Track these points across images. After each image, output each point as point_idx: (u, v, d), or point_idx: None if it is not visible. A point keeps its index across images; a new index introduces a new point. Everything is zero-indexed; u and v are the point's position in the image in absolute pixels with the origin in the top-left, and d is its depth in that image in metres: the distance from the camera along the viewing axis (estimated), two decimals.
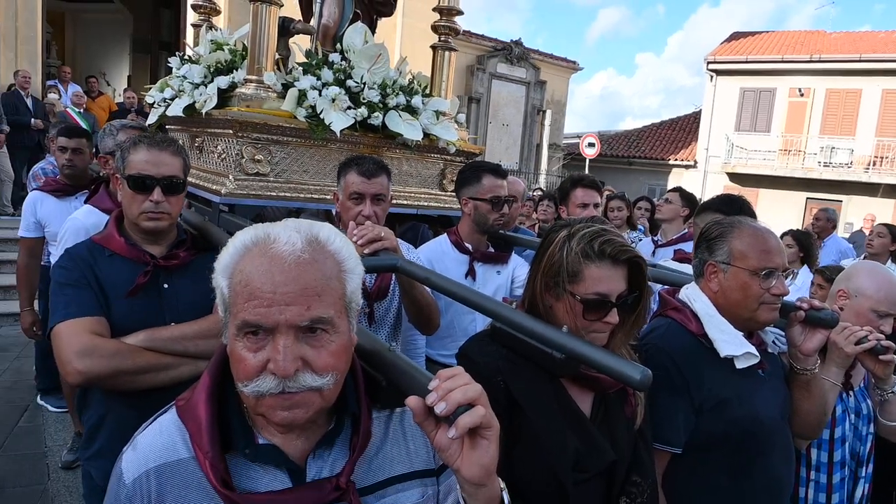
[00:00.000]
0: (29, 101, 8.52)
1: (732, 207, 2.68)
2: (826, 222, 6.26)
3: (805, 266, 4.57)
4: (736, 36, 21.69)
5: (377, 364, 1.05)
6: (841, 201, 17.97)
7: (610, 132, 24.91)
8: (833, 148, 18.29)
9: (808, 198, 18.58)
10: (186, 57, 3.11)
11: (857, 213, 17.00)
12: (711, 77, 20.32)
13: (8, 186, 8.27)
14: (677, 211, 3.91)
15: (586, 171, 16.40)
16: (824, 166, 18.32)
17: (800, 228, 5.13)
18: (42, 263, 3.82)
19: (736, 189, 18.99)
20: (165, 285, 1.84)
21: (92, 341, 1.64)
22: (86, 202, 2.74)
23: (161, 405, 1.06)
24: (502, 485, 0.92)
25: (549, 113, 18.80)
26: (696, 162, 20.69)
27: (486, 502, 0.89)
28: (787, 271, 1.70)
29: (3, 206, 8.21)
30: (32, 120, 8.39)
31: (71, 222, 2.53)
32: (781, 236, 4.68)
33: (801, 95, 18.93)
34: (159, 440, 0.97)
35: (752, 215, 2.51)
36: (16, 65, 9.12)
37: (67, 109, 8.75)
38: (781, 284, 1.63)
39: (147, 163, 1.77)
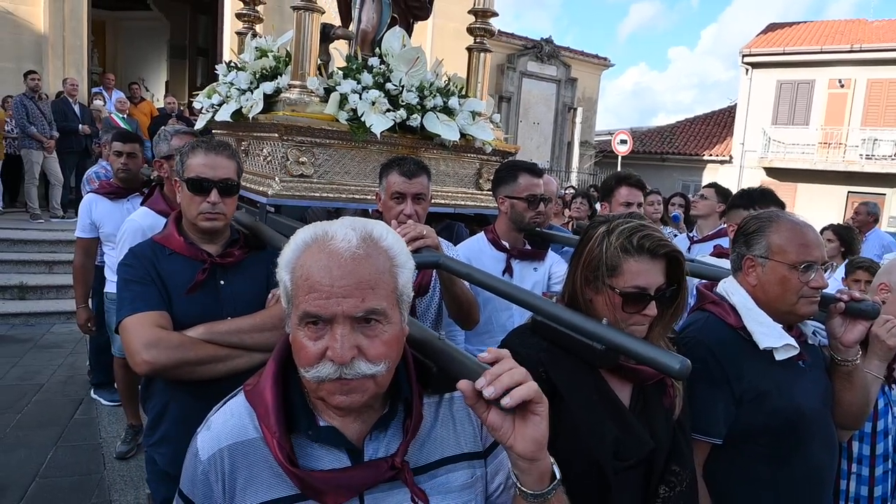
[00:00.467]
0: (76, 108, 8.86)
1: (751, 199, 2.72)
2: (867, 216, 6.13)
3: (847, 260, 4.50)
4: (773, 27, 21.21)
5: (428, 352, 1.11)
6: (885, 194, 17.46)
7: (642, 128, 24.62)
8: (876, 140, 17.76)
9: (849, 192, 18.08)
10: (233, 64, 3.23)
11: None
12: (747, 70, 19.92)
13: (58, 190, 8.62)
14: (713, 207, 3.90)
15: (619, 168, 16.27)
16: (866, 159, 17.81)
17: (840, 223, 5.04)
18: (96, 263, 4.01)
19: (773, 184, 18.57)
20: (222, 282, 1.95)
21: (157, 334, 1.76)
22: (142, 204, 2.88)
23: (219, 394, 1.15)
24: (552, 459, 0.98)
25: (580, 110, 18.68)
26: (731, 157, 20.32)
27: (539, 476, 0.95)
28: (826, 264, 1.71)
29: (54, 209, 8.56)
30: (80, 126, 8.73)
31: (129, 224, 2.67)
32: (822, 231, 4.63)
33: (842, 86, 18.43)
34: (231, 421, 1.05)
35: (779, 204, 2.53)
36: (63, 73, 9.49)
37: (112, 115, 9.06)
38: (821, 278, 1.65)
39: (204, 166, 1.88)
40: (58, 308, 6.52)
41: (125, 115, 9.27)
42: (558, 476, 0.98)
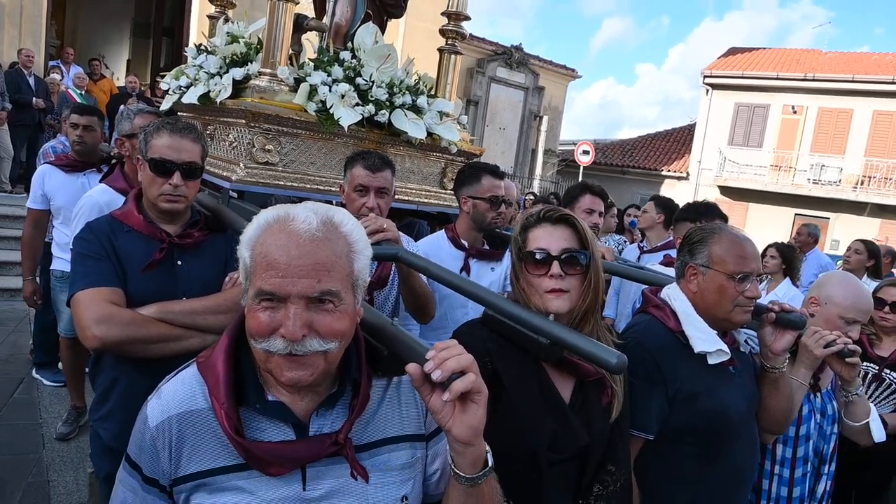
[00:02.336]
0: (31, 80, 8.56)
1: (697, 213, 2.89)
2: (808, 237, 6.44)
3: (787, 278, 4.73)
4: (733, 51, 21.97)
5: (380, 336, 1.17)
6: (829, 218, 18.28)
7: (605, 141, 25.14)
8: (823, 166, 18.60)
9: (796, 213, 18.87)
10: (203, 47, 3.21)
11: (844, 231, 17.31)
12: (707, 91, 20.59)
13: (7, 164, 8.31)
14: (654, 218, 4.06)
15: (580, 178, 16.57)
16: (814, 183, 18.62)
17: (785, 242, 5.30)
18: (45, 240, 3.91)
19: (727, 202, 19.24)
20: (179, 262, 1.95)
21: (109, 310, 1.75)
22: (101, 181, 2.84)
23: (168, 371, 1.18)
24: (486, 447, 1.05)
25: (545, 119, 18.97)
26: (688, 174, 20.95)
27: (473, 460, 1.02)
28: (760, 276, 1.83)
29: (2, 184, 8.25)
30: (34, 99, 8.43)
31: (87, 199, 2.64)
32: (766, 248, 4.85)
33: (794, 113, 19.24)
34: (181, 390, 1.09)
35: (722, 217, 2.68)
36: (19, 43, 9.16)
37: (69, 90, 8.79)
38: (755, 288, 1.77)
39: (169, 148, 1.88)
40: (1, 285, 6.30)
41: (83, 92, 8.99)
42: (490, 463, 1.05)
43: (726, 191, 19.88)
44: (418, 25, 10.74)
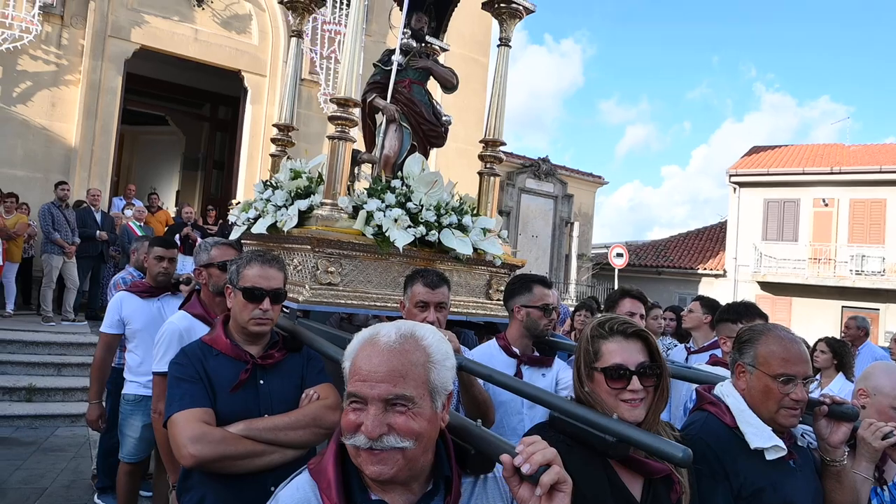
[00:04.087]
0: (98, 216, 9.29)
1: (737, 313, 3.01)
2: (857, 330, 6.34)
3: (840, 373, 4.66)
4: (756, 149, 22.52)
5: (466, 437, 1.30)
6: (878, 309, 17.73)
7: (638, 242, 25.37)
8: (864, 256, 18.34)
9: (843, 306, 18.38)
10: (269, 182, 3.58)
11: None
12: (735, 189, 20.91)
13: (73, 294, 8.83)
14: (700, 319, 4.11)
15: (616, 281, 16.65)
16: (857, 274, 18.28)
17: (835, 336, 5.24)
18: (113, 365, 4.12)
19: (768, 298, 18.95)
20: (261, 381, 2.13)
21: (203, 429, 1.92)
22: (180, 308, 3.09)
23: (253, 487, 1.32)
24: None
25: (576, 225, 19.41)
26: (725, 271, 20.82)
27: None
28: (809, 379, 1.87)
29: (66, 313, 8.74)
30: (98, 232, 9.11)
31: (168, 325, 2.87)
32: (815, 343, 4.82)
33: (826, 205, 19.29)
34: (297, 494, 1.23)
35: (762, 316, 2.77)
36: (88, 183, 10.02)
37: (130, 224, 9.48)
38: (801, 391, 1.80)
39: (259, 277, 2.13)
40: (64, 411, 6.54)
41: (142, 224, 9.68)
42: None
43: (767, 286, 19.62)
44: (450, 146, 11.44)
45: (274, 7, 11.56)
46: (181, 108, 16.04)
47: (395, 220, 3.12)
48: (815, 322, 17.05)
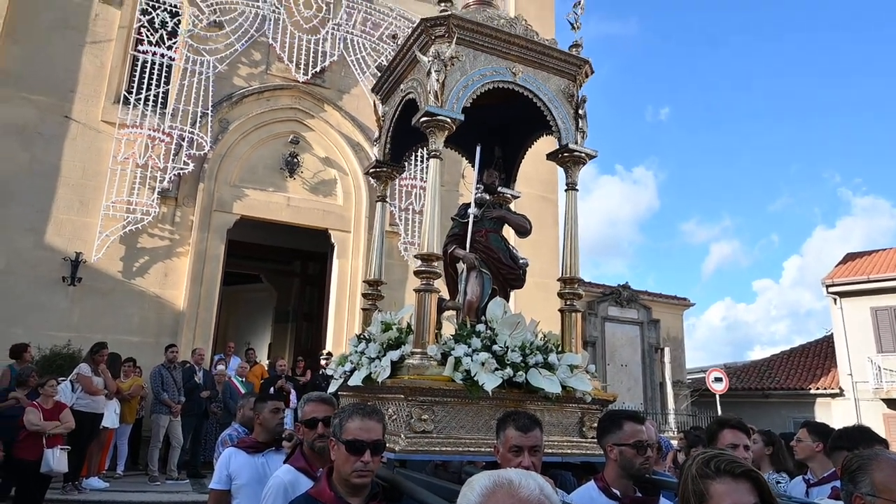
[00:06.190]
0: (200, 374, 9.88)
1: (852, 440, 2.80)
2: None
3: None
4: (851, 257, 21.42)
5: None
6: None
7: (737, 364, 23.90)
8: None
9: None
10: (363, 336, 3.83)
11: None
12: (835, 300, 19.72)
13: (177, 452, 9.21)
14: (811, 447, 3.81)
15: (718, 408, 15.58)
16: None
17: None
18: None
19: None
20: None
21: None
22: (284, 462, 3.24)
23: None
24: None
25: (667, 350, 18.65)
26: (841, 389, 19.06)
27: None
28: None
29: (171, 471, 9.07)
30: (201, 391, 9.64)
31: (274, 479, 3.01)
32: None
33: None
34: None
35: (881, 441, 2.59)
36: (193, 343, 10.78)
37: (232, 379, 10.00)
38: None
39: (360, 429, 2.26)
40: None
41: (244, 380, 10.19)
42: None
43: (893, 403, 17.70)
44: (528, 281, 11.66)
45: (356, 170, 12.72)
46: (273, 267, 17.36)
47: (483, 364, 3.23)
48: None
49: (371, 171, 4.72)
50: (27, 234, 10.30)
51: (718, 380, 16.15)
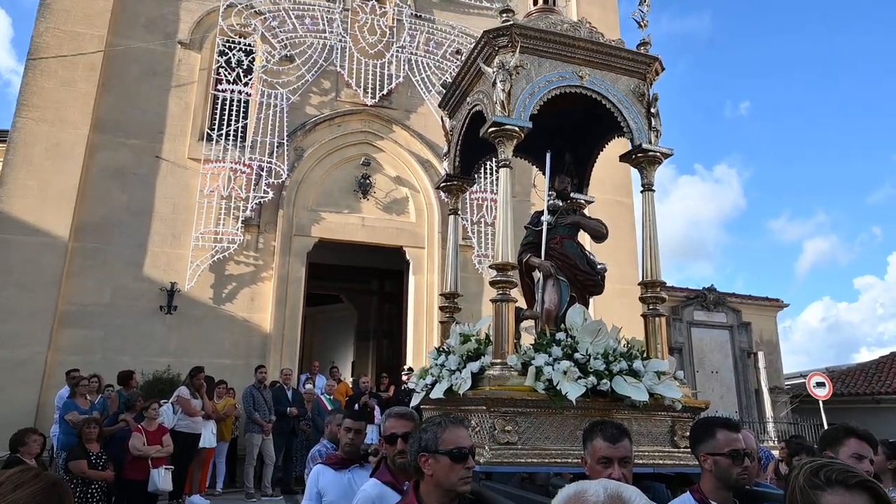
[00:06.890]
0: (289, 393, 10.22)
1: None
2: None
3: None
4: None
5: None
6: None
7: (842, 367, 22.26)
8: None
9: None
10: (442, 349, 3.85)
11: None
12: None
13: (270, 469, 9.54)
14: (884, 464, 3.46)
15: (822, 415, 14.59)
16: None
17: None
18: None
19: None
20: None
21: None
22: (371, 475, 3.29)
23: None
24: None
25: (761, 354, 17.63)
26: None
27: None
28: None
29: (265, 488, 9.40)
30: (289, 409, 9.97)
31: (361, 493, 3.06)
32: None
33: None
34: None
35: None
36: (280, 364, 11.19)
37: (321, 398, 10.29)
38: None
39: (459, 437, 2.25)
40: None
41: (331, 397, 10.46)
42: None
43: None
44: (608, 288, 11.37)
45: (427, 187, 12.90)
46: (352, 286, 17.80)
47: (565, 373, 3.16)
48: None
49: (442, 185, 4.77)
50: (128, 269, 11.07)
51: (821, 384, 15.10)
